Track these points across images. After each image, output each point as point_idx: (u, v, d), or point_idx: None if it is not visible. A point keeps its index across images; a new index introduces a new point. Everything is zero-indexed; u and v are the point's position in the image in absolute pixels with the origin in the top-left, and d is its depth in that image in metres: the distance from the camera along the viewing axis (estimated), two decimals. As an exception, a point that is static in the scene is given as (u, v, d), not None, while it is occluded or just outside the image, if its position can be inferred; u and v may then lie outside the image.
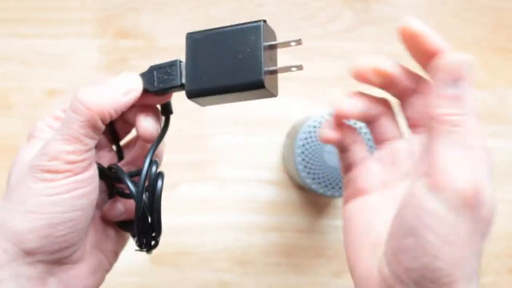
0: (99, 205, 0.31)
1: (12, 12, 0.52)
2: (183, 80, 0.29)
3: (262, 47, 0.28)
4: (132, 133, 0.34)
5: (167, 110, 0.31)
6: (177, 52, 0.51)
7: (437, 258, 0.24)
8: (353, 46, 0.52)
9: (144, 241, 0.31)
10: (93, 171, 0.29)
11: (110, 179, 0.32)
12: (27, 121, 0.51)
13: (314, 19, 0.52)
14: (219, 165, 0.51)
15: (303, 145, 0.42)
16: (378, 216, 0.28)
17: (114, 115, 0.28)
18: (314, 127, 0.42)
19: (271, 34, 0.30)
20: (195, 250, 0.50)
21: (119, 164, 0.32)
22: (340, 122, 0.30)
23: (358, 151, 0.30)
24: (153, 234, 0.31)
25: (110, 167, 0.31)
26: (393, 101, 0.31)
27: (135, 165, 0.33)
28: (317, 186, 0.42)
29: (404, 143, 0.29)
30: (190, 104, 0.45)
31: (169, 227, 0.33)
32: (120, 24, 0.52)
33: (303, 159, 0.42)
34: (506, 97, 0.52)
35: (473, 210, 0.24)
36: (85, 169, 0.28)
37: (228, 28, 0.28)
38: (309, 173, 0.42)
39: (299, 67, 0.29)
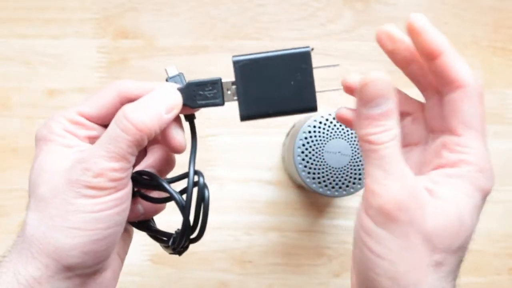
0: None
1: (12, 12, 0.52)
2: (225, 99, 0.30)
3: (313, 74, 0.30)
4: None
5: (191, 116, 0.32)
6: (177, 52, 0.51)
7: (373, 271, 0.26)
8: (353, 46, 0.52)
9: (181, 246, 0.32)
10: (131, 185, 0.29)
11: (138, 185, 0.31)
12: (27, 121, 0.51)
13: (314, 19, 0.52)
14: (219, 165, 0.51)
15: (303, 145, 0.42)
16: None
17: (158, 132, 0.28)
18: (314, 127, 0.42)
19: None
20: (195, 250, 0.50)
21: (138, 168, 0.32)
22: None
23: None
24: (192, 238, 0.32)
25: (139, 173, 0.31)
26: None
27: (156, 170, 0.33)
28: (317, 186, 0.42)
29: (425, 149, 0.30)
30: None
31: (169, 227, 0.33)
32: (120, 24, 0.52)
33: (303, 159, 0.42)
34: (506, 97, 0.52)
35: (397, 226, 0.25)
36: (125, 185, 0.28)
37: (276, 53, 0.30)
38: (309, 173, 0.42)
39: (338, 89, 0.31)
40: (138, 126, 0.27)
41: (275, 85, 0.30)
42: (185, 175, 0.31)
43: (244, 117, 0.30)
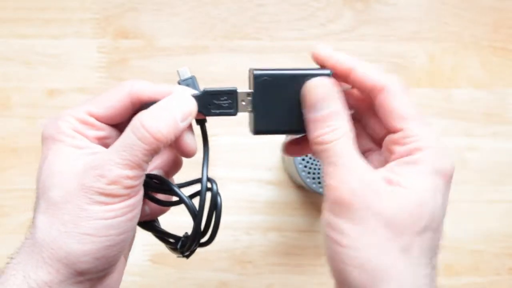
0: None
1: (12, 12, 0.52)
2: (239, 110, 0.31)
3: None
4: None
5: (202, 120, 0.32)
6: (177, 52, 0.51)
7: (341, 263, 0.27)
8: (353, 46, 0.52)
9: (190, 249, 0.32)
10: (142, 191, 0.29)
11: (149, 189, 0.31)
12: (27, 121, 0.51)
13: (314, 19, 0.52)
14: (219, 165, 0.51)
15: (303, 145, 0.42)
16: None
17: (173, 140, 0.28)
18: (314, 127, 0.42)
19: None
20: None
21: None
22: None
23: None
24: (201, 243, 0.32)
25: (150, 176, 0.31)
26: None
27: (163, 171, 0.33)
28: (317, 186, 0.42)
29: (376, 154, 0.31)
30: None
31: (169, 227, 0.33)
32: (120, 24, 0.52)
33: (303, 159, 0.42)
34: (506, 97, 0.52)
35: (354, 212, 0.26)
36: (138, 192, 0.28)
37: (297, 72, 0.30)
38: (309, 173, 0.42)
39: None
40: (156, 135, 0.27)
41: (291, 103, 0.30)
42: (196, 181, 0.31)
43: (257, 131, 0.31)
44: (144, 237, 0.35)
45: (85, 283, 0.28)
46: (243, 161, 0.51)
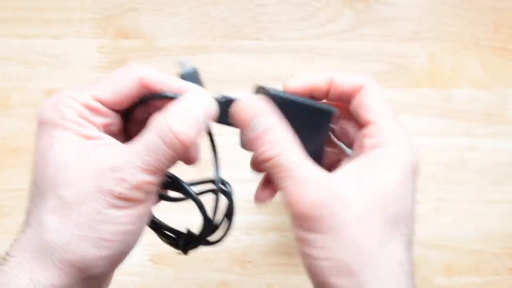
0: None
1: (12, 12, 0.52)
2: None
3: (327, 135, 0.30)
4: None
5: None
6: (177, 52, 0.51)
7: (324, 277, 0.27)
8: (353, 46, 0.52)
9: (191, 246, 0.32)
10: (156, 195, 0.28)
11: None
12: (27, 121, 0.51)
13: (314, 19, 0.52)
14: (219, 165, 0.51)
15: (303, 145, 0.42)
16: None
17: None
18: (314, 127, 0.42)
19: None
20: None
21: None
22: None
23: None
24: (207, 242, 0.32)
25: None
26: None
27: None
28: (317, 186, 0.42)
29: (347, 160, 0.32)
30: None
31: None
32: (120, 24, 0.52)
33: (303, 159, 0.42)
34: (506, 97, 0.52)
35: (323, 223, 0.26)
36: (154, 196, 0.27)
37: (304, 101, 0.29)
38: (309, 173, 0.42)
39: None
40: (184, 140, 0.26)
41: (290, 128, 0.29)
42: (208, 181, 0.32)
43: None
44: (144, 237, 0.35)
45: (92, 285, 0.27)
46: (243, 161, 0.51)
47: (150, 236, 0.34)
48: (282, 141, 0.27)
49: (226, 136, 0.52)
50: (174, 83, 0.28)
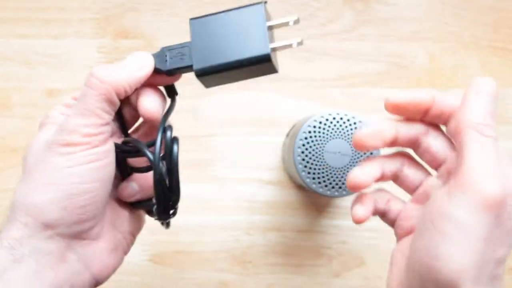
0: (113, 189, 0.32)
1: (12, 12, 0.52)
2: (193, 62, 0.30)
3: (266, 25, 0.30)
4: (140, 120, 0.34)
5: (172, 91, 0.33)
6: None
7: (439, 260, 0.25)
8: (353, 46, 0.52)
9: (163, 209, 0.31)
10: (110, 146, 0.29)
11: (125, 154, 0.32)
12: (27, 121, 0.51)
13: (314, 19, 0.52)
14: (219, 165, 0.51)
15: (303, 145, 0.42)
16: None
17: (129, 91, 0.29)
18: (314, 127, 0.42)
19: (269, 16, 0.31)
20: (195, 250, 0.50)
21: None
22: (365, 198, 0.32)
23: (394, 206, 0.32)
24: (171, 202, 0.31)
25: (125, 142, 0.32)
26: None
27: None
28: (317, 186, 0.42)
29: (434, 179, 0.31)
30: (190, 104, 0.45)
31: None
32: (120, 24, 0.52)
33: (303, 159, 0.42)
34: (506, 97, 0.52)
35: (502, 213, 0.25)
36: (102, 142, 0.29)
37: (230, 11, 0.30)
38: (309, 173, 0.42)
39: (300, 43, 0.30)
40: (103, 79, 0.28)
41: (229, 39, 0.30)
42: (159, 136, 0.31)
43: (198, 71, 0.30)
44: (144, 237, 0.35)
45: (56, 239, 0.28)
46: (243, 161, 0.51)
47: (150, 236, 0.34)
48: (493, 128, 0.29)
49: (227, 136, 0.52)
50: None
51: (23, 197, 0.28)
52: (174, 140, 0.31)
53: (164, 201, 0.31)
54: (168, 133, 0.30)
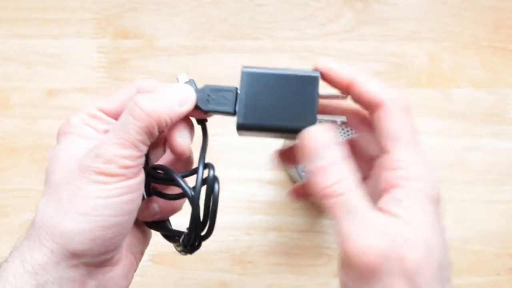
0: None
1: (12, 12, 0.52)
2: (237, 109, 0.30)
3: (317, 98, 0.29)
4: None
5: (203, 120, 0.32)
6: (177, 52, 0.51)
7: None
8: (353, 46, 0.52)
9: (192, 243, 0.32)
10: (142, 177, 0.29)
11: (152, 180, 0.32)
12: (27, 121, 0.51)
13: (314, 19, 0.52)
14: (219, 165, 0.51)
15: (303, 145, 0.42)
16: None
17: (170, 124, 0.29)
18: (314, 127, 0.42)
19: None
20: (195, 250, 0.50)
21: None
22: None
23: None
24: (202, 235, 0.31)
25: (155, 167, 0.31)
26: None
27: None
28: (317, 186, 0.42)
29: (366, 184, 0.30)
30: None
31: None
32: (120, 24, 0.52)
33: (303, 159, 0.42)
34: (506, 97, 0.52)
35: (378, 282, 0.24)
36: (136, 174, 0.28)
37: (286, 72, 0.29)
38: (309, 173, 0.42)
39: (344, 122, 0.29)
40: (148, 111, 0.27)
41: (278, 101, 0.29)
42: (194, 171, 0.31)
43: (240, 126, 0.30)
44: (144, 237, 0.35)
45: (81, 268, 0.27)
46: (243, 161, 0.51)
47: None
48: (347, 180, 0.26)
49: (227, 136, 0.52)
50: (166, 84, 0.30)
51: (48, 220, 0.27)
52: (216, 179, 0.31)
53: (195, 236, 0.31)
54: (211, 172, 0.30)
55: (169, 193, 0.32)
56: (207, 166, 0.31)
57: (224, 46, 0.51)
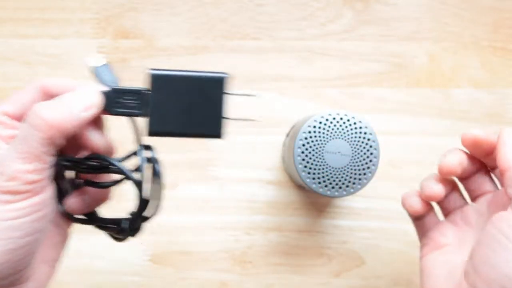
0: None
1: (12, 12, 0.52)
2: (146, 112, 0.30)
3: (224, 101, 0.30)
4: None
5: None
6: (177, 52, 0.51)
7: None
8: (353, 46, 0.52)
9: (138, 226, 0.31)
10: (52, 190, 0.27)
11: (85, 169, 0.30)
12: (27, 121, 0.51)
13: (314, 19, 0.52)
14: (219, 165, 0.51)
15: (303, 145, 0.42)
16: (458, 262, 0.32)
17: (75, 130, 0.27)
18: (314, 127, 0.42)
19: (230, 83, 0.31)
20: (195, 250, 0.50)
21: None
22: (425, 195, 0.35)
23: (433, 218, 0.36)
24: (147, 217, 0.31)
25: (88, 157, 0.30)
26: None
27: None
28: (317, 186, 0.42)
29: (471, 208, 0.34)
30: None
31: (169, 227, 0.33)
32: (120, 24, 0.52)
33: (303, 159, 0.42)
34: (506, 97, 0.52)
35: None
36: (44, 188, 0.26)
37: (194, 74, 0.30)
38: (309, 173, 0.42)
39: (254, 120, 0.31)
40: (50, 121, 0.25)
41: (185, 106, 0.29)
42: (134, 153, 0.30)
43: (151, 133, 0.30)
44: (144, 237, 0.35)
45: None
46: (243, 161, 0.51)
47: (149, 236, 0.34)
48: None
49: (227, 136, 0.52)
50: (70, 83, 0.29)
51: None
52: (156, 160, 0.30)
53: (142, 218, 0.30)
54: (151, 154, 0.30)
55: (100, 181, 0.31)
56: (147, 148, 0.30)
57: (224, 46, 0.51)
